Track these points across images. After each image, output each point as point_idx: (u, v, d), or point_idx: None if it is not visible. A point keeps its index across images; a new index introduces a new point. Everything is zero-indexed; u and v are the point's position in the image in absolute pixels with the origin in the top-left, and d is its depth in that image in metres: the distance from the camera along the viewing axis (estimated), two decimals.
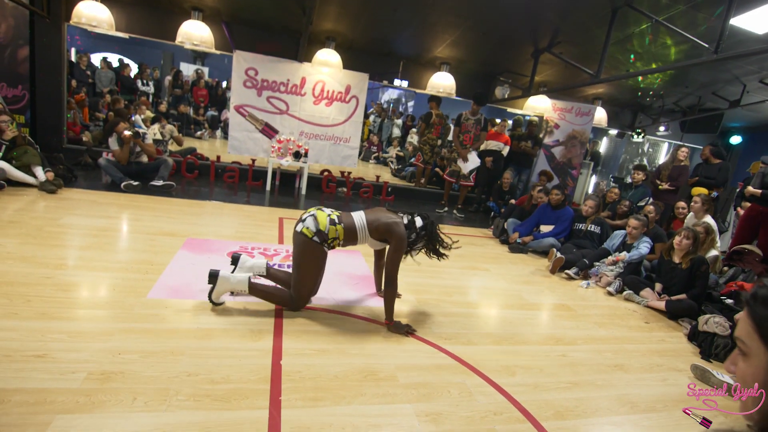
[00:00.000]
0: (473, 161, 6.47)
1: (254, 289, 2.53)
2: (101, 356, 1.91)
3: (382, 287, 2.74)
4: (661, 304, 3.66)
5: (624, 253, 4.22)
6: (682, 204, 5.07)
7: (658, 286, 3.84)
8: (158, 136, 6.71)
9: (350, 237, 2.57)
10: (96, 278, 2.66)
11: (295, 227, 2.56)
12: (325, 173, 6.80)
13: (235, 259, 2.79)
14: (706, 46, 3.74)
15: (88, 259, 2.91)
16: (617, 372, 2.57)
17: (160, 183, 5.01)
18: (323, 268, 2.61)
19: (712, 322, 3.08)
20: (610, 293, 3.96)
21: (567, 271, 4.32)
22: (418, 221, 2.69)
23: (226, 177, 6.22)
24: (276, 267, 2.91)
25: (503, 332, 2.86)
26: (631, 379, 2.51)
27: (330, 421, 1.75)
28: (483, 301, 3.40)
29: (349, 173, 6.99)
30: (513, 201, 6.02)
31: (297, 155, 6.09)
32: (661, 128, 9.10)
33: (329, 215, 2.54)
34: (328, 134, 6.51)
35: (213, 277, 2.46)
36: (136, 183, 4.80)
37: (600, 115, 7.75)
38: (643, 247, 4.22)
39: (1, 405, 1.56)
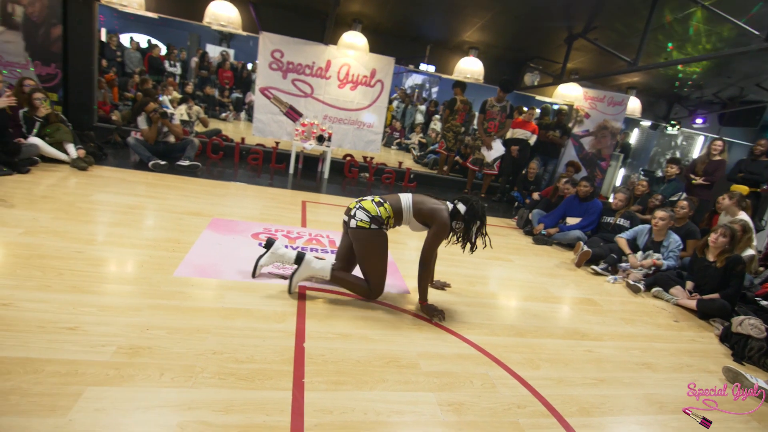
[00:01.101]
0: (497, 149, 6.33)
1: (335, 278, 2.62)
2: (130, 331, 1.95)
3: (437, 276, 3.01)
4: (692, 303, 3.53)
5: (661, 260, 4.06)
6: (724, 197, 4.82)
7: (689, 284, 3.71)
8: (185, 117, 6.79)
9: (397, 216, 2.60)
10: (124, 254, 2.72)
11: (348, 224, 2.56)
12: (348, 158, 6.77)
13: (269, 244, 2.70)
14: (757, 33, 3.52)
15: (117, 236, 2.97)
16: (645, 370, 2.49)
17: (186, 163, 5.07)
18: (387, 251, 2.62)
19: (747, 324, 2.95)
20: (633, 289, 3.84)
21: (594, 266, 4.20)
22: (461, 207, 2.60)
23: (250, 159, 6.26)
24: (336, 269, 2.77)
25: (527, 324, 2.80)
26: (660, 378, 2.44)
27: (352, 405, 1.75)
28: (506, 292, 3.34)
29: (372, 159, 6.95)
30: (537, 195, 5.87)
31: (320, 139, 6.07)
32: (698, 120, 8.70)
33: (372, 200, 2.57)
34: (352, 119, 6.45)
35: (299, 259, 2.55)
36: (163, 163, 4.88)
37: (633, 105, 7.45)
38: (674, 256, 4.07)
39: (35, 374, 1.60)
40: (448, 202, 2.67)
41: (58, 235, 2.80)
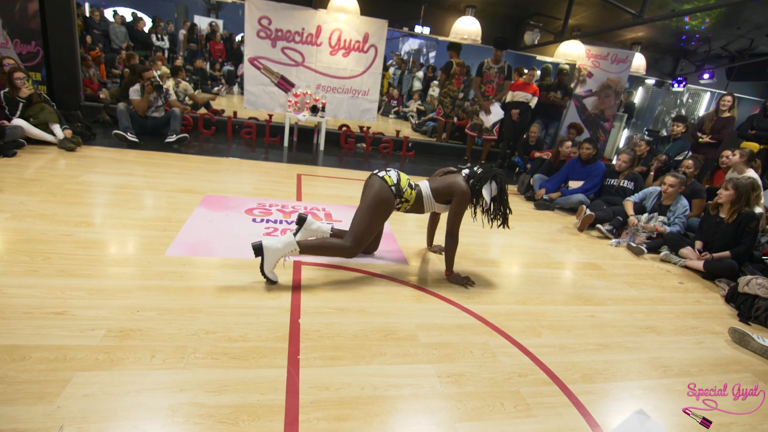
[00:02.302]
0: (496, 113, 6.14)
1: (306, 248, 2.36)
2: (120, 313, 1.91)
3: (437, 241, 3.02)
4: (699, 264, 3.47)
5: (665, 226, 3.95)
6: (728, 153, 4.67)
7: (698, 244, 3.62)
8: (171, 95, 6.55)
9: (418, 206, 2.63)
10: (114, 235, 2.65)
11: (376, 173, 2.54)
12: (344, 128, 6.60)
13: (301, 220, 2.63)
14: None
15: (106, 217, 2.90)
16: (649, 334, 2.45)
17: (173, 138, 4.93)
18: (385, 220, 2.56)
19: (754, 284, 2.89)
20: (635, 251, 3.77)
21: (600, 226, 4.12)
22: (478, 169, 2.66)
23: (244, 133, 6.11)
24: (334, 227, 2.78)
25: (528, 291, 2.75)
26: (664, 341, 2.40)
27: (349, 380, 1.71)
28: (507, 259, 3.28)
29: (368, 128, 6.78)
30: (537, 153, 5.71)
31: (314, 109, 5.90)
32: (706, 76, 8.41)
33: (409, 179, 2.59)
34: (346, 87, 6.24)
35: (258, 249, 2.23)
36: (135, 140, 4.74)
37: (638, 62, 7.18)
38: (680, 222, 3.96)
39: (22, 362, 1.56)
40: (464, 168, 2.70)
41: (46, 218, 2.73)
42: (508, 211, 2.69)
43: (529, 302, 2.61)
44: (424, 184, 2.63)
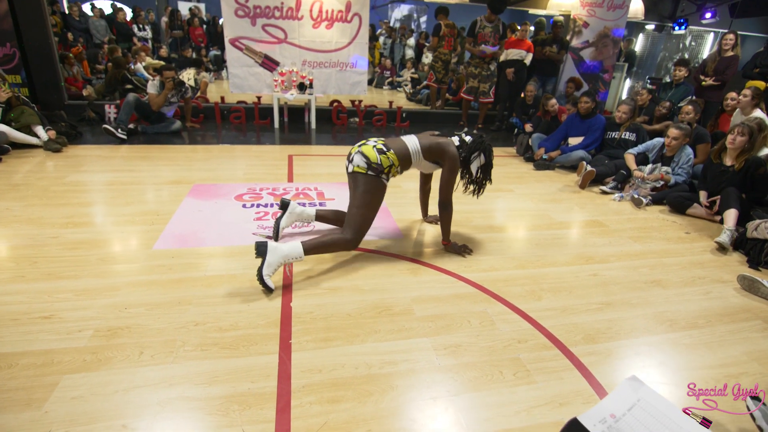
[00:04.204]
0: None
1: (310, 251, 2.21)
2: (107, 312, 1.87)
3: (433, 212, 2.89)
4: (702, 212, 3.37)
5: (670, 174, 3.81)
6: (732, 95, 4.46)
7: (702, 196, 3.49)
8: (191, 83, 6.33)
9: (404, 161, 2.44)
10: (102, 234, 2.61)
11: (347, 169, 2.39)
12: (335, 104, 6.44)
13: (284, 204, 2.61)
14: None
15: (93, 216, 2.85)
16: (654, 288, 2.38)
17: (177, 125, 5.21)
18: (381, 201, 2.43)
19: (763, 228, 2.78)
20: (635, 203, 3.66)
21: (602, 187, 4.00)
22: (467, 138, 2.56)
23: (233, 118, 5.99)
24: (320, 207, 2.74)
25: (528, 255, 2.68)
26: (670, 294, 2.32)
27: (342, 361, 1.67)
28: (506, 224, 3.20)
29: (360, 101, 6.60)
30: (538, 114, 5.53)
31: (302, 87, 5.73)
32: (708, 15, 8.00)
33: (374, 146, 2.36)
34: (333, 60, 6.04)
35: (261, 248, 2.07)
36: (123, 137, 4.72)
37: (636, 6, 6.84)
38: (684, 172, 3.82)
39: (9, 369, 1.54)
40: (454, 136, 2.58)
41: (32, 222, 2.69)
42: (487, 182, 2.65)
43: (529, 266, 2.54)
44: (411, 139, 2.47)
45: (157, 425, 1.36)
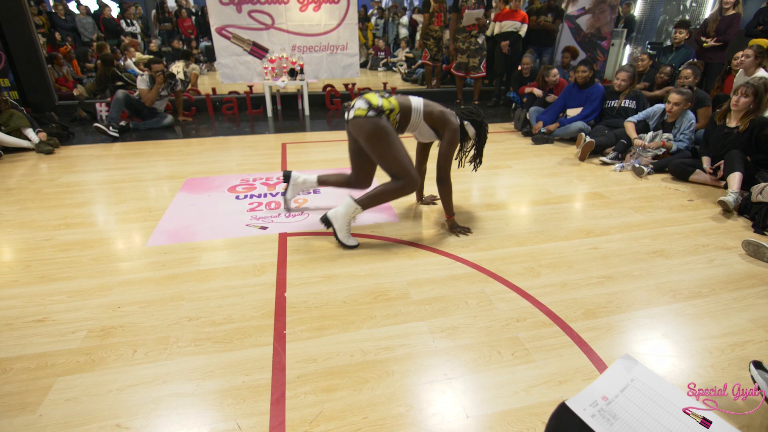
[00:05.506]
0: (473, 14, 5.78)
1: (366, 202, 2.37)
2: (100, 312, 1.86)
3: (428, 192, 3.03)
4: (705, 177, 3.28)
5: (671, 140, 3.71)
6: (740, 54, 4.29)
7: (706, 162, 3.39)
8: (181, 76, 6.24)
9: (404, 115, 2.37)
10: (94, 233, 2.59)
11: (347, 117, 2.33)
12: (328, 89, 6.33)
13: (286, 176, 2.76)
14: None
15: (86, 216, 2.83)
16: (657, 259, 2.32)
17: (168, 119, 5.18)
18: (398, 137, 2.33)
19: None
20: (636, 172, 3.58)
21: (603, 158, 3.91)
22: (466, 120, 2.53)
23: (225, 109, 5.91)
24: (324, 173, 2.76)
25: (527, 231, 2.63)
26: (673, 264, 2.27)
27: (337, 349, 1.65)
28: (504, 201, 3.14)
29: (354, 84, 6.48)
30: (528, 89, 5.37)
31: (292, 73, 5.63)
32: None
33: (377, 93, 2.36)
34: (323, 43, 5.90)
35: (325, 221, 2.39)
36: (116, 134, 4.67)
37: None
38: (685, 138, 3.71)
39: (3, 374, 1.53)
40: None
41: (25, 225, 2.67)
42: (478, 160, 2.65)
43: (528, 242, 2.49)
44: (415, 98, 2.41)
45: (151, 423, 1.35)
